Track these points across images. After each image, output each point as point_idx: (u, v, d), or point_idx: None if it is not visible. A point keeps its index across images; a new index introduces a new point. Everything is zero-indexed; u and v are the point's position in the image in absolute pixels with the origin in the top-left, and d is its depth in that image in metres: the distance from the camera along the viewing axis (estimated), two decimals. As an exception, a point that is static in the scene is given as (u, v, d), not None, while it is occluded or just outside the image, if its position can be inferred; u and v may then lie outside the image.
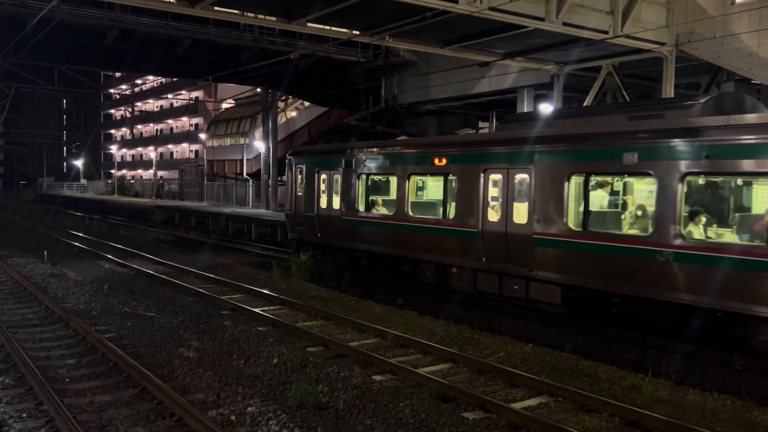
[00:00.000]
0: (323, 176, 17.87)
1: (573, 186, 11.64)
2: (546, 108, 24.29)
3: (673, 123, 10.51)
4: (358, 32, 20.66)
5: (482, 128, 36.32)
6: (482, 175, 13.19)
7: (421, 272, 14.91)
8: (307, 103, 41.56)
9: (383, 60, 29.25)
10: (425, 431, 7.23)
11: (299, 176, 19.00)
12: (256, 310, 13.02)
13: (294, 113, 46.06)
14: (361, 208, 16.36)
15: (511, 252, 12.51)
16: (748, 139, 9.23)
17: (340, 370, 9.20)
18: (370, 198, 16.47)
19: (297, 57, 21.36)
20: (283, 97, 43.84)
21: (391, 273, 15.99)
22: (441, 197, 14.24)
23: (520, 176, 12.55)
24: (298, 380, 8.67)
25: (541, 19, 17.40)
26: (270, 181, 39.27)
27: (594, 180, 11.73)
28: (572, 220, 11.61)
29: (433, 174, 14.86)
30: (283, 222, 29.00)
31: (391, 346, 10.79)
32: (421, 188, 16.12)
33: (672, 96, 20.39)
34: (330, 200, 17.43)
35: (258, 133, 44.75)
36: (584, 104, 23.32)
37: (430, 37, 21.07)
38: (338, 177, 17.20)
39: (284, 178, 25.67)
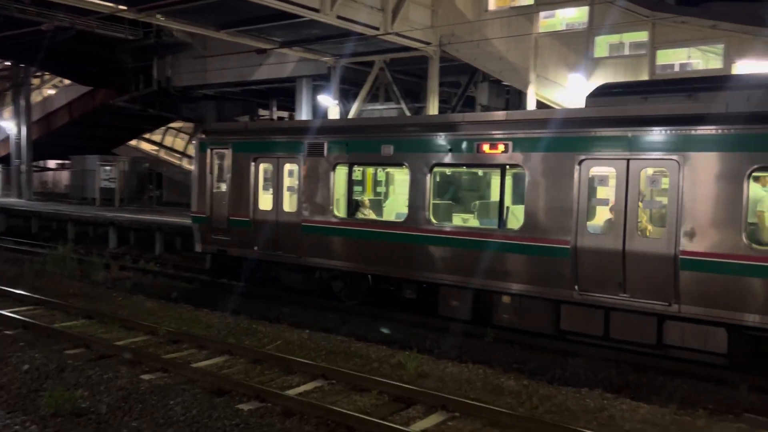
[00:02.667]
0: (265, 166, 13.43)
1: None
2: (325, 99, 24.80)
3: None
4: (124, 7, 19.21)
5: (262, 116, 36.03)
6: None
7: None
8: (67, 81, 37.74)
9: (154, 39, 27.59)
10: (197, 427, 6.99)
11: (219, 165, 14.12)
12: (2, 312, 11.56)
13: (52, 91, 41.58)
14: (339, 211, 12.40)
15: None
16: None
17: (104, 372, 8.52)
18: (356, 198, 12.76)
19: (51, 29, 19.27)
20: (38, 73, 39.36)
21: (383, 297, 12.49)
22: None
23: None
24: (54, 386, 7.86)
25: (316, 10, 17.70)
26: (23, 167, 35.04)
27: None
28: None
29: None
30: (39, 212, 26.25)
31: (162, 342, 10.25)
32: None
33: (436, 93, 22.01)
34: (279, 200, 13.12)
35: (7, 112, 39.62)
36: (359, 97, 24.21)
37: (204, 19, 20.33)
38: (296, 168, 12.87)
39: (49, 163, 21.96)
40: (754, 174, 8.47)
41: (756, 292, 8.32)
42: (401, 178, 12.53)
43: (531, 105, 20.52)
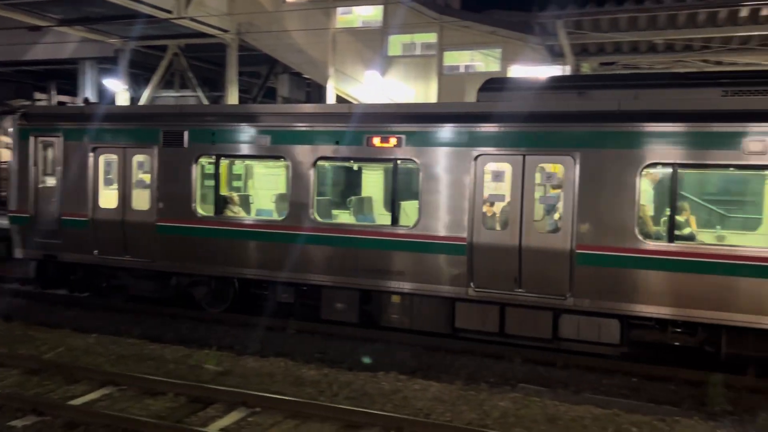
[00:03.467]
0: (108, 158, 11.88)
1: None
2: (112, 84, 23.06)
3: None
4: None
5: (39, 100, 32.53)
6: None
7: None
8: None
9: None
10: (-42, 453, 6.16)
11: (45, 156, 12.26)
12: None
13: None
14: (203, 209, 11.30)
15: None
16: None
17: None
18: (224, 194, 11.58)
19: None
20: None
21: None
22: None
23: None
24: None
25: (100, -12, 16.36)
26: None
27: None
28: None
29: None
30: None
31: None
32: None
33: (236, 82, 21.48)
34: (126, 197, 11.64)
35: None
36: (152, 83, 22.87)
37: (-36, -12, 17.85)
38: (149, 160, 11.51)
39: None
40: (644, 170, 8.88)
41: (648, 283, 8.84)
42: (279, 172, 11.59)
43: (330, 99, 20.88)
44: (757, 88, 8.72)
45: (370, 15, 22.19)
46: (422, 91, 21.28)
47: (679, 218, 8.98)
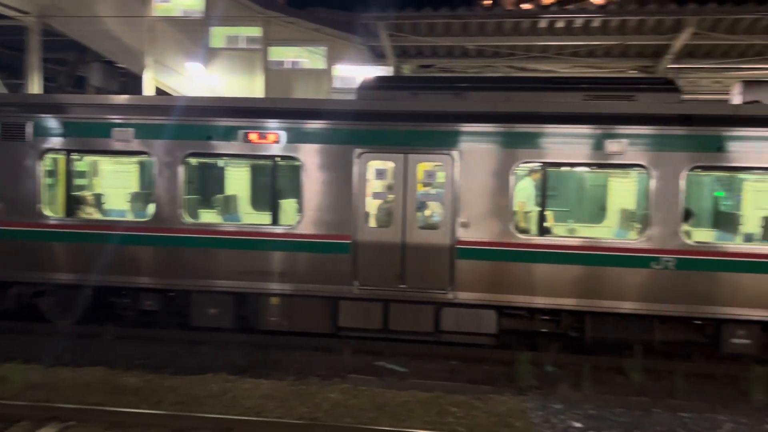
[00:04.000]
0: None
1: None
2: None
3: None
4: None
5: None
6: None
7: None
8: None
9: None
10: None
11: None
12: None
13: None
14: (51, 210, 10.24)
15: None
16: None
17: None
18: (76, 194, 10.40)
19: None
20: None
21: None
22: None
23: None
24: None
25: None
26: None
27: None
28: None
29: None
30: None
31: None
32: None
33: (39, 69, 19.59)
34: None
35: None
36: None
37: None
38: None
39: None
40: (517, 169, 9.39)
41: (520, 275, 9.37)
42: (143, 169, 10.73)
43: (149, 90, 19.81)
44: (612, 93, 9.56)
45: (190, 4, 21.38)
46: (248, 86, 20.91)
47: (548, 213, 9.73)
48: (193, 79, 19.64)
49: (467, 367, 9.36)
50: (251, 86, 20.72)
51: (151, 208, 10.06)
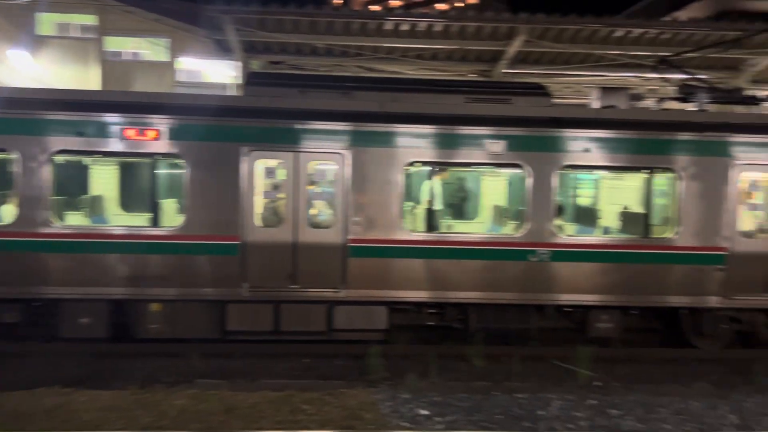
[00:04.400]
0: None
1: None
2: None
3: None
4: None
5: None
6: None
7: None
8: None
9: None
10: None
11: None
12: None
13: None
14: None
15: None
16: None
17: None
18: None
19: None
20: None
21: None
22: None
23: None
24: None
25: None
26: None
27: None
28: None
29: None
30: None
31: None
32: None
33: None
34: None
35: None
36: None
37: None
38: None
39: None
40: (407, 168, 9.60)
41: (410, 271, 9.57)
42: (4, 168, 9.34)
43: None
44: (491, 96, 10.07)
45: (13, -13, 19.49)
46: (81, 77, 19.48)
47: (436, 211, 10.05)
48: (17, 68, 17.97)
49: (320, 364, 9.42)
50: (85, 78, 19.32)
51: (14, 210, 9.24)
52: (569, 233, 10.29)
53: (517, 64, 14.75)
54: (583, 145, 9.80)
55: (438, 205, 10.39)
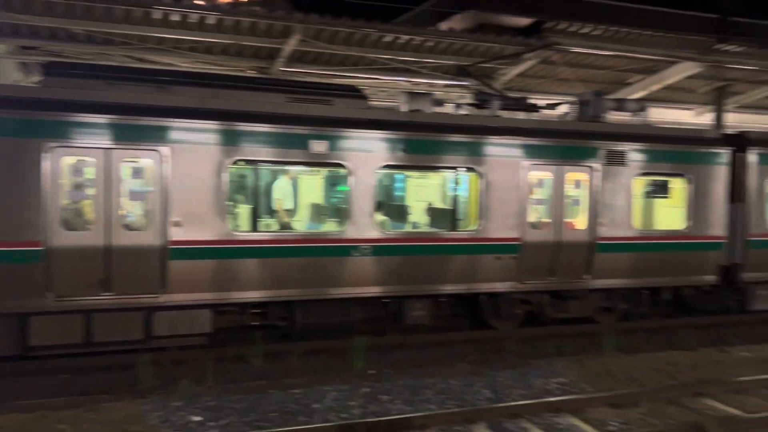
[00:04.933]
0: None
1: None
2: None
3: None
4: None
5: None
6: None
7: None
8: None
9: None
10: None
11: None
12: None
13: None
14: None
15: None
16: None
17: None
18: None
19: None
20: None
21: None
22: None
23: None
24: None
25: None
26: None
27: None
28: None
29: None
30: None
31: None
32: None
33: None
34: None
35: None
36: None
37: None
38: None
39: None
40: (230, 166, 9.40)
41: (235, 272, 9.47)
42: None
43: None
44: (311, 97, 10.18)
45: None
46: None
47: (260, 210, 10.04)
48: None
49: (82, 378, 8.63)
50: None
51: None
52: (389, 229, 10.73)
53: (294, 62, 14.84)
54: (399, 146, 10.35)
55: (263, 204, 10.29)
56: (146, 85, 9.51)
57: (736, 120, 19.73)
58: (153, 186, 9.17)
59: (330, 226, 10.85)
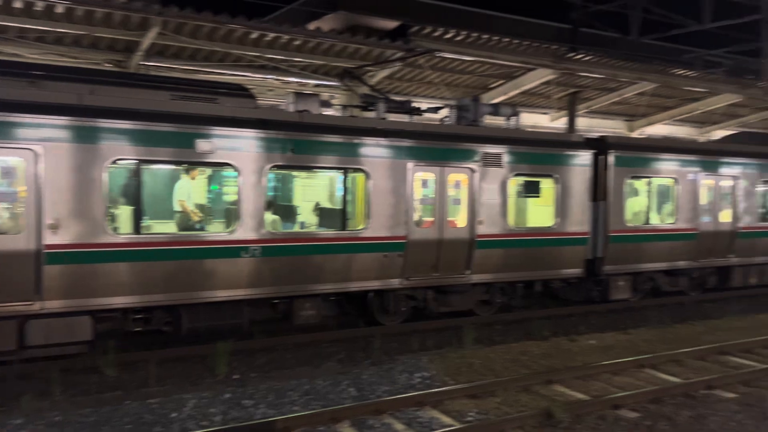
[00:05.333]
0: None
1: None
2: None
3: None
4: None
5: None
6: None
7: None
8: None
9: None
10: None
11: None
12: None
13: None
14: None
15: None
16: None
17: None
18: None
19: None
20: None
21: None
22: None
23: None
24: None
25: None
26: None
27: None
28: None
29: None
30: None
31: None
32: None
33: None
34: None
35: None
36: None
37: None
38: None
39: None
40: (111, 165, 8.98)
41: (117, 276, 9.02)
42: None
43: None
44: (197, 95, 9.89)
45: None
46: None
47: (143, 211, 9.47)
48: None
49: None
50: None
51: None
52: (279, 229, 10.62)
53: (154, 56, 14.15)
54: (289, 146, 10.29)
55: (147, 205, 9.70)
56: (15, 79, 8.87)
57: (586, 124, 21.22)
58: (27, 186, 8.57)
59: (218, 227, 10.57)
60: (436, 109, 13.58)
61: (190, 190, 10.40)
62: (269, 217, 10.55)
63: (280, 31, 13.54)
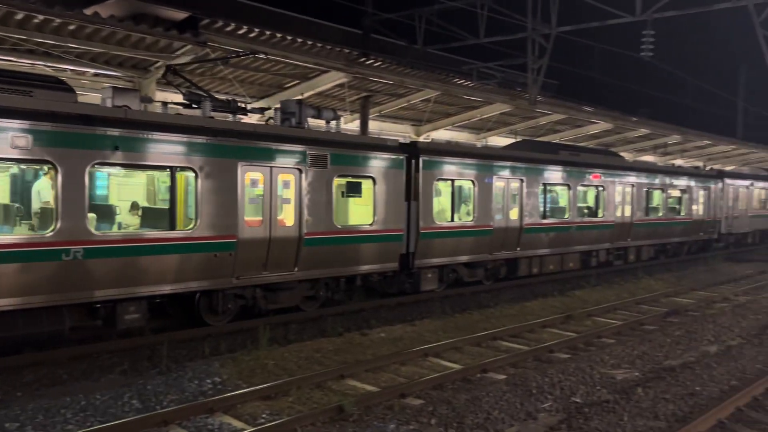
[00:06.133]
0: None
1: None
2: None
3: None
4: None
5: None
6: None
7: None
8: None
9: None
10: None
11: None
12: None
13: None
14: None
15: None
16: None
17: None
18: None
19: None
20: None
21: None
22: None
23: None
24: None
25: None
26: None
27: None
28: None
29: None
30: None
31: None
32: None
33: None
34: None
35: None
36: None
37: None
38: None
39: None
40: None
41: None
42: None
43: None
44: (7, 86, 9.05)
45: None
46: None
47: None
48: None
49: None
50: None
51: None
52: (101, 230, 10.02)
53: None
54: (113, 144, 9.77)
55: None
56: None
57: (378, 127, 22.09)
58: None
59: (34, 229, 9.68)
60: (261, 110, 13.64)
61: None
62: (91, 217, 9.89)
63: (51, 14, 12.25)
